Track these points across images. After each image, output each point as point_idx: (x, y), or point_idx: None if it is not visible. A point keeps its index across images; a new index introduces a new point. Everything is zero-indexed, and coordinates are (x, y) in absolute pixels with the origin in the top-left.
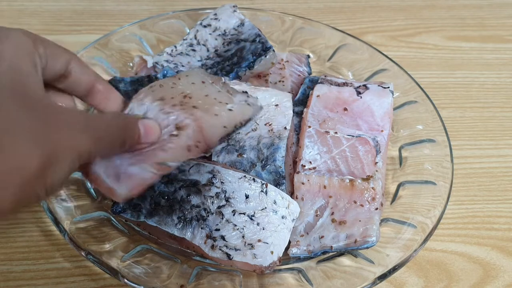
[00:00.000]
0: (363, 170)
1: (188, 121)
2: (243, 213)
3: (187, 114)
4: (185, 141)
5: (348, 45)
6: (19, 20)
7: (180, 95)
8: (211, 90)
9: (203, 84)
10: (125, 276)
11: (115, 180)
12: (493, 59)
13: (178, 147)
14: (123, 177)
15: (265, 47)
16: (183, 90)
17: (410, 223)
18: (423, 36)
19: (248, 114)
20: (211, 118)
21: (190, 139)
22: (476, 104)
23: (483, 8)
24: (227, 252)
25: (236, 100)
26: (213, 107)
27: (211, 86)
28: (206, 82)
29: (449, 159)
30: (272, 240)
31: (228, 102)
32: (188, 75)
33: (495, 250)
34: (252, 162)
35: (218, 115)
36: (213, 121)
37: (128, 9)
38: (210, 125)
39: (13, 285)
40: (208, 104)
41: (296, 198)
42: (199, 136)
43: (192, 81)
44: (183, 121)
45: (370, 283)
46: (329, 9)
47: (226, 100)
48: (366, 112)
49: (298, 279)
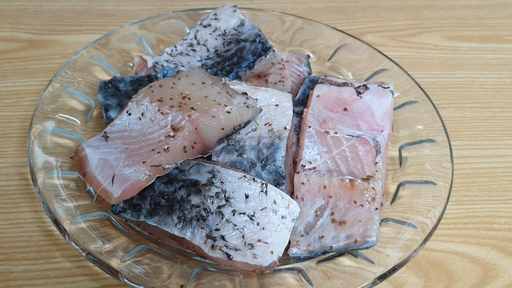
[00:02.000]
0: (363, 170)
1: (184, 122)
2: (243, 213)
3: (185, 115)
4: (181, 142)
5: (348, 45)
6: (19, 20)
7: (179, 96)
8: (211, 91)
9: (203, 85)
10: (125, 276)
11: (110, 182)
12: (493, 59)
13: (173, 148)
14: (118, 178)
15: (265, 47)
16: (183, 90)
17: (410, 223)
18: (423, 36)
19: (247, 116)
20: (209, 120)
21: (186, 140)
22: (476, 104)
23: (483, 8)
24: (227, 252)
25: (235, 102)
26: (212, 109)
27: (211, 87)
28: (206, 83)
29: (449, 159)
30: (272, 240)
31: (227, 104)
32: (188, 75)
33: (495, 250)
34: (252, 162)
35: (215, 117)
36: (211, 122)
37: (128, 9)
38: (207, 127)
39: (13, 285)
40: (206, 105)
41: (296, 198)
42: (196, 137)
43: (192, 82)
44: (180, 122)
45: (370, 283)
46: (329, 9)
47: (225, 102)
48: (366, 112)
49: (298, 279)
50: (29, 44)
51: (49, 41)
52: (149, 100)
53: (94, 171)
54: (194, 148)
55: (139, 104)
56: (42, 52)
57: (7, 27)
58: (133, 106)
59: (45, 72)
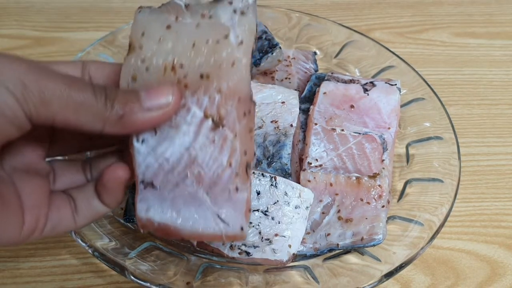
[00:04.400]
0: (369, 167)
1: (220, 103)
2: (257, 210)
3: (208, 95)
4: (239, 126)
5: (355, 42)
6: (26, 18)
7: (166, 73)
8: (188, 32)
9: (172, 31)
10: (132, 273)
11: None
12: (501, 56)
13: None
14: (229, 211)
15: (271, 44)
16: (163, 61)
17: (417, 221)
18: (430, 33)
19: (254, 24)
20: (232, 73)
21: (238, 119)
22: (484, 101)
23: (491, 4)
24: (246, 250)
25: (226, 19)
26: (220, 55)
27: (181, 26)
28: (171, 24)
29: (456, 157)
30: (289, 233)
31: (225, 32)
32: (143, 31)
33: (502, 248)
34: (258, 160)
35: (234, 62)
36: (237, 74)
37: (134, 6)
38: (240, 82)
39: (20, 281)
40: (210, 55)
41: None
42: (242, 105)
43: (157, 37)
44: (214, 106)
45: (377, 281)
46: (336, 5)
47: (219, 31)
48: (373, 109)
49: (305, 277)
50: (35, 41)
51: (56, 38)
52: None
53: (192, 230)
54: (249, 113)
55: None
56: (48, 49)
57: (14, 24)
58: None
59: None
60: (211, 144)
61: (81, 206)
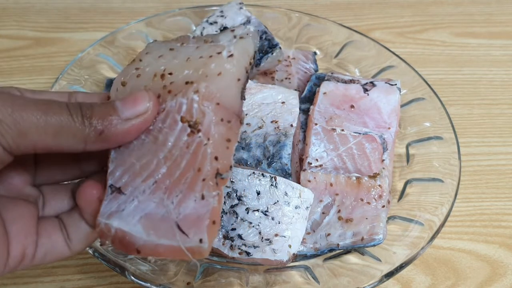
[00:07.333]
0: (370, 167)
1: (196, 104)
2: (257, 210)
3: (188, 95)
4: (214, 131)
5: (355, 42)
6: (26, 18)
7: (155, 79)
8: (187, 51)
9: (173, 52)
10: (132, 273)
11: (181, 235)
12: (501, 56)
13: (211, 142)
14: (186, 224)
15: (271, 44)
16: (154, 70)
17: (417, 221)
18: (430, 33)
19: (251, 47)
20: (217, 81)
21: (213, 125)
22: (484, 101)
23: (491, 4)
24: (246, 250)
25: (225, 42)
26: (209, 67)
27: (183, 48)
28: (175, 47)
29: (456, 157)
30: (289, 233)
31: (219, 50)
32: (148, 52)
33: (503, 248)
34: (258, 160)
35: (221, 72)
36: (222, 82)
37: (134, 6)
38: (223, 90)
39: (20, 282)
40: (199, 67)
41: None
42: (221, 112)
43: (158, 55)
44: (190, 109)
45: (377, 281)
46: (336, 5)
47: (215, 49)
48: (373, 109)
49: (305, 277)
50: (35, 41)
51: (56, 39)
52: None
53: (148, 239)
54: (230, 122)
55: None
56: (48, 49)
57: (13, 25)
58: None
59: (51, 69)
60: (185, 151)
61: (72, 231)
